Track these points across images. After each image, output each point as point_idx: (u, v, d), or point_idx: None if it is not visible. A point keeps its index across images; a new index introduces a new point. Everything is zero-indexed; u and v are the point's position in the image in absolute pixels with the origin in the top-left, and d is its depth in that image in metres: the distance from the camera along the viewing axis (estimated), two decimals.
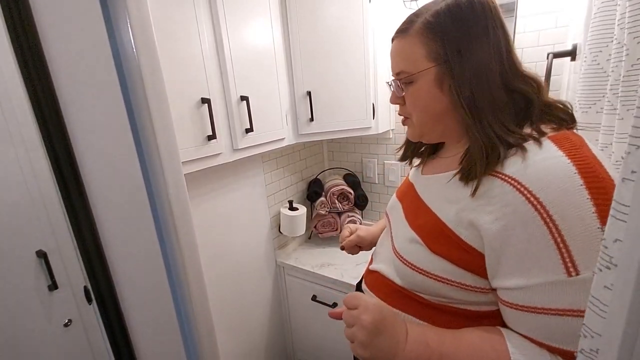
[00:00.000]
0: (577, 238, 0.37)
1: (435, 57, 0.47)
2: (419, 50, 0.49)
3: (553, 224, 0.37)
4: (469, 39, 0.46)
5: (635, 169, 0.24)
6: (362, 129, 1.25)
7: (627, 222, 0.24)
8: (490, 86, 0.45)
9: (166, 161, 0.57)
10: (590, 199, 0.36)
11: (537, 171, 0.40)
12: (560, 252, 0.37)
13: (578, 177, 0.37)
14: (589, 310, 0.27)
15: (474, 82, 0.45)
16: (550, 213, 0.38)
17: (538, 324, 0.40)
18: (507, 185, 0.41)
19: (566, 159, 0.39)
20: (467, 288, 0.47)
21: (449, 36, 0.46)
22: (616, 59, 0.53)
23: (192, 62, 0.84)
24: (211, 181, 1.16)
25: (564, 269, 0.37)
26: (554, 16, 1.05)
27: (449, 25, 0.46)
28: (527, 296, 0.40)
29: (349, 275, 1.26)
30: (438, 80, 0.48)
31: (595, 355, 0.27)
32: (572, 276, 0.37)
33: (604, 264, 0.26)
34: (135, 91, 0.53)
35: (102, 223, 0.56)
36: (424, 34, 0.48)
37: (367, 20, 1.13)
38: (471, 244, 0.45)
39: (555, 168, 0.39)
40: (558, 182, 0.38)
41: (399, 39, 0.52)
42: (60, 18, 0.47)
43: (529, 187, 0.39)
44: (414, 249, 0.52)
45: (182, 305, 0.65)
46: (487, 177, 0.44)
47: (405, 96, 0.53)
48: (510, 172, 0.42)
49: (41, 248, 0.58)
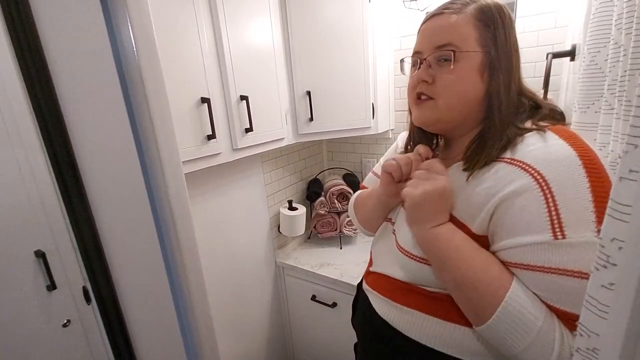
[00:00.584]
0: (569, 207, 0.41)
1: (485, 43, 0.50)
2: (472, 31, 0.50)
3: (550, 193, 0.42)
4: (510, 38, 0.51)
5: (633, 168, 0.24)
6: (361, 129, 1.25)
7: (630, 222, 0.24)
8: (513, 84, 0.51)
9: (166, 161, 0.57)
10: (586, 177, 0.41)
11: (541, 154, 0.44)
12: (550, 217, 0.42)
13: (577, 158, 0.42)
14: (586, 310, 0.27)
15: (507, 77, 0.50)
16: (550, 185, 0.42)
17: (533, 280, 0.44)
18: (512, 166, 0.46)
19: (566, 144, 0.44)
20: None
21: (499, 29, 0.50)
22: (613, 60, 0.53)
23: (192, 62, 0.84)
24: (210, 181, 1.16)
25: (551, 231, 0.41)
26: (553, 16, 1.05)
27: (499, 20, 0.50)
28: (520, 254, 0.44)
29: (348, 275, 1.26)
30: (481, 67, 0.50)
31: (594, 355, 0.27)
32: (559, 239, 0.41)
33: (601, 262, 0.26)
34: (135, 91, 0.53)
35: (102, 223, 0.56)
36: (478, 18, 0.50)
37: (366, 20, 1.13)
38: (474, 231, 0.48)
39: (558, 151, 0.43)
40: (560, 161, 0.42)
41: (450, 14, 0.51)
42: (60, 17, 0.47)
43: (533, 164, 0.44)
44: None
45: (182, 305, 0.65)
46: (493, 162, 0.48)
47: (439, 74, 0.51)
48: (516, 156, 0.46)
49: (39, 248, 0.57)
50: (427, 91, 0.53)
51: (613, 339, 0.26)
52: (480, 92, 0.51)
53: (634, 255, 0.24)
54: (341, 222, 1.51)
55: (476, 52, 0.49)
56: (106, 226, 0.56)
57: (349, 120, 1.24)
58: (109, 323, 0.61)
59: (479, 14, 0.50)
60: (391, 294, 0.58)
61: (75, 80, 0.50)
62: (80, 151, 0.52)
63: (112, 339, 0.62)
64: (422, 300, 0.54)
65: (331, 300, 1.31)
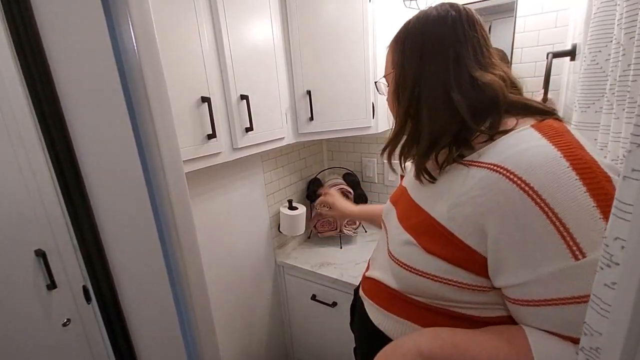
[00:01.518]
0: (575, 219, 0.36)
1: (395, 63, 0.55)
2: (389, 55, 0.58)
3: (547, 207, 0.37)
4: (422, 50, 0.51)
5: (636, 167, 0.24)
6: (361, 129, 1.25)
7: (631, 221, 0.24)
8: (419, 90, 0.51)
9: (167, 160, 0.57)
10: (579, 179, 0.36)
11: (524, 158, 0.40)
12: (562, 235, 0.36)
13: (563, 160, 0.38)
14: (590, 309, 0.27)
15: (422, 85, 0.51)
16: (543, 197, 0.37)
17: (557, 317, 0.39)
18: (496, 174, 0.41)
19: (550, 145, 0.40)
20: (463, 286, 0.46)
21: (401, 44, 0.53)
22: (615, 59, 0.53)
23: (192, 61, 0.84)
24: (211, 180, 1.16)
25: (569, 253, 0.36)
26: (553, 16, 1.05)
27: (403, 36, 0.54)
28: (539, 289, 0.39)
29: (348, 275, 1.26)
30: (396, 84, 0.54)
31: (597, 354, 0.27)
32: (580, 259, 0.36)
33: (605, 262, 0.26)
34: (136, 90, 0.53)
35: (103, 222, 0.56)
36: (394, 41, 0.56)
37: (367, 19, 1.13)
38: (464, 241, 0.45)
39: (540, 153, 0.39)
40: (545, 166, 0.38)
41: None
42: (60, 16, 0.47)
43: (517, 173, 0.39)
44: (409, 250, 0.52)
45: (182, 305, 0.65)
46: (475, 169, 0.45)
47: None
48: (497, 160, 0.42)
49: (40, 247, 0.57)
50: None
51: (615, 338, 0.26)
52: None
53: (635, 255, 0.24)
54: (341, 222, 1.51)
55: (390, 74, 0.55)
56: (107, 225, 0.56)
57: (349, 120, 1.24)
58: (110, 322, 0.61)
59: (395, 37, 0.55)
60: (384, 303, 0.58)
61: (76, 79, 0.50)
62: (81, 150, 0.52)
63: (113, 338, 0.62)
64: (413, 311, 0.53)
65: (331, 300, 1.31)
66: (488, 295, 0.47)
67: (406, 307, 0.54)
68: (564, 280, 0.37)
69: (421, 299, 0.52)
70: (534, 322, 0.42)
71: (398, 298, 0.56)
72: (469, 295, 0.47)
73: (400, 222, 0.57)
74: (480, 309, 0.48)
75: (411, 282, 0.52)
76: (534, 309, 0.40)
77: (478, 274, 0.45)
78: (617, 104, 0.50)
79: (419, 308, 0.53)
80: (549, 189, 0.37)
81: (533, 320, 0.42)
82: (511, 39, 1.11)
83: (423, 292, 0.51)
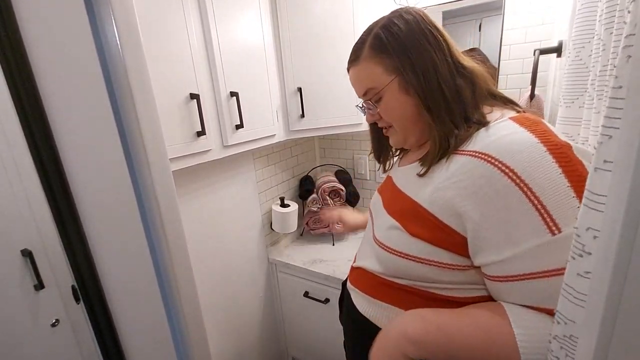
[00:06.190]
0: (551, 197, 0.39)
1: (392, 69, 0.53)
2: (376, 69, 0.54)
3: (527, 187, 0.40)
4: (412, 46, 0.51)
5: (608, 158, 0.24)
6: (353, 125, 1.25)
7: (605, 212, 0.25)
8: (439, 81, 0.51)
9: (153, 157, 0.56)
10: (555, 162, 0.40)
11: (504, 144, 0.43)
12: (540, 212, 0.39)
13: (541, 145, 0.41)
14: (562, 298, 0.28)
15: (426, 81, 0.51)
16: (522, 178, 0.40)
17: (534, 290, 0.41)
18: (478, 160, 0.44)
19: (528, 133, 0.43)
20: (442, 266, 0.49)
21: (394, 49, 0.52)
22: (597, 55, 0.54)
23: (180, 57, 0.83)
24: (201, 178, 1.15)
25: (547, 228, 0.39)
26: (540, 13, 1.06)
27: (391, 40, 0.52)
28: (517, 264, 0.42)
29: (340, 272, 1.27)
30: (403, 88, 0.53)
31: (571, 342, 0.27)
32: (556, 234, 0.39)
33: (577, 252, 0.27)
34: (120, 87, 0.52)
35: (88, 221, 0.55)
36: (374, 55, 0.54)
37: (357, 15, 1.13)
38: (446, 222, 0.47)
39: (520, 140, 0.43)
40: (524, 151, 0.41)
41: (353, 67, 0.59)
42: (42, 13, 0.47)
43: (499, 157, 0.42)
44: (394, 234, 0.54)
45: (171, 304, 0.65)
46: (458, 155, 0.48)
47: (380, 112, 0.58)
48: (478, 148, 0.46)
49: (26, 247, 0.57)
50: (382, 124, 0.62)
51: (590, 326, 0.26)
52: (415, 105, 0.53)
53: (608, 244, 0.25)
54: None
55: (391, 82, 0.53)
56: (92, 224, 0.56)
57: (341, 117, 1.24)
58: (97, 322, 0.60)
59: (372, 51, 0.54)
60: (370, 290, 0.60)
61: (59, 78, 0.49)
62: (64, 149, 0.51)
63: (100, 339, 0.61)
64: (399, 295, 0.55)
65: (324, 296, 1.32)
66: (466, 275, 0.49)
67: (390, 292, 0.56)
68: (542, 254, 0.40)
69: (404, 282, 0.54)
70: (511, 297, 0.45)
71: (382, 284, 0.57)
72: (448, 274, 0.49)
73: (386, 209, 0.59)
74: (460, 289, 0.51)
75: (395, 265, 0.54)
76: (512, 284, 0.43)
77: (458, 253, 0.48)
78: (597, 98, 0.51)
79: (402, 291, 0.55)
80: (528, 170, 0.40)
81: (511, 295, 0.44)
82: (499, 36, 1.12)
83: (404, 274, 0.53)
